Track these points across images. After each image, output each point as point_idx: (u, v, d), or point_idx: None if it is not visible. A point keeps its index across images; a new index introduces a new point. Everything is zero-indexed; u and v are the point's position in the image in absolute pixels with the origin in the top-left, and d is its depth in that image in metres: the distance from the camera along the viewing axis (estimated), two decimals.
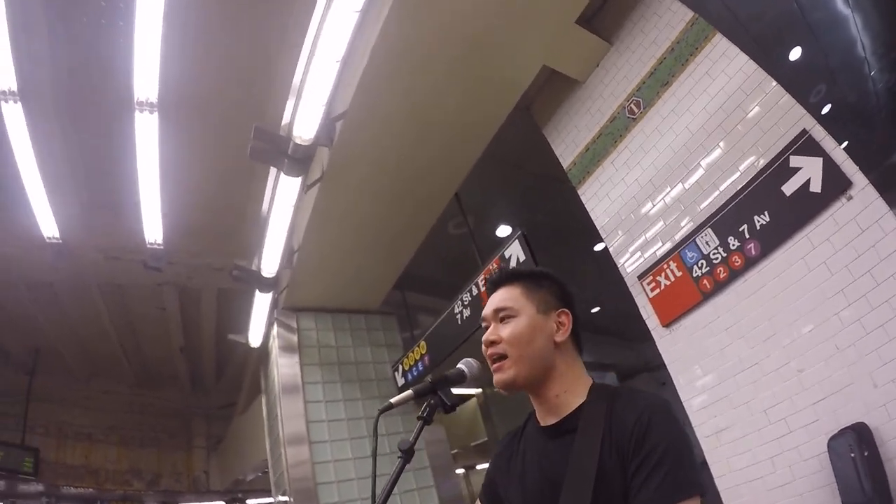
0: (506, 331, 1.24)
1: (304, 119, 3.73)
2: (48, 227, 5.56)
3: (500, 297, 1.30)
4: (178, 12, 3.64)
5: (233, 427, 10.94)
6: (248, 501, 11.96)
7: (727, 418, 3.16)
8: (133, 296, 7.97)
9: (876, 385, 2.54)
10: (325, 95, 3.54)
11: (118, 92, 4.21)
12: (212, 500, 11.69)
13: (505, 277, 1.34)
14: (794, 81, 6.81)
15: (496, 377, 1.24)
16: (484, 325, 1.32)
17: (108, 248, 6.30)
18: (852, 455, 2.46)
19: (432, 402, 1.28)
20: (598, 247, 3.85)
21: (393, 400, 1.27)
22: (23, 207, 5.18)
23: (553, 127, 4.50)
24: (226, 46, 4.38)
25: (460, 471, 13.32)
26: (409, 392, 1.28)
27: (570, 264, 8.53)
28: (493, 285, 1.36)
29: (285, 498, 5.42)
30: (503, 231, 7.22)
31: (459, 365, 1.37)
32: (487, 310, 1.31)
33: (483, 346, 1.28)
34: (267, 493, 7.04)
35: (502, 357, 1.23)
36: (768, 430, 2.95)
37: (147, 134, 4.31)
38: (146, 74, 3.81)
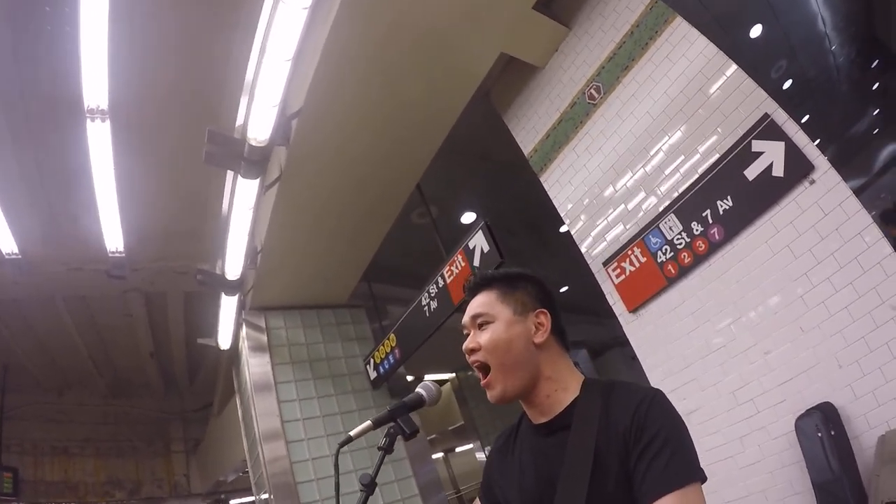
0: (484, 337, 1.23)
1: (258, 120, 3.60)
2: (6, 242, 5.38)
3: (477, 304, 1.29)
4: (125, 17, 3.48)
5: (210, 429, 10.81)
6: (231, 502, 11.91)
7: (696, 400, 3.20)
8: (99, 305, 7.77)
9: (840, 365, 2.59)
10: (277, 95, 3.42)
11: (68, 100, 4.03)
12: (194, 503, 11.61)
13: (480, 283, 1.32)
14: (756, 59, 6.87)
15: (488, 394, 1.23)
16: (465, 332, 1.30)
17: (70, 259, 6.10)
18: (819, 434, 2.51)
19: (392, 430, 1.29)
20: (564, 228, 3.92)
21: (352, 433, 1.29)
22: None
23: (513, 114, 4.44)
24: (175, 49, 4.21)
25: (440, 455, 13.49)
26: (367, 423, 1.28)
27: (537, 246, 8.58)
28: (470, 292, 1.34)
29: (266, 496, 5.37)
30: (469, 218, 7.18)
31: (418, 389, 1.38)
32: (465, 317, 1.30)
33: (465, 354, 1.26)
34: (249, 492, 6.98)
35: (486, 367, 1.22)
36: (737, 410, 3.01)
37: (100, 142, 4.14)
38: (95, 81, 3.65)
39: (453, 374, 11.13)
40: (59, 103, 4.33)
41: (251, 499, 6.76)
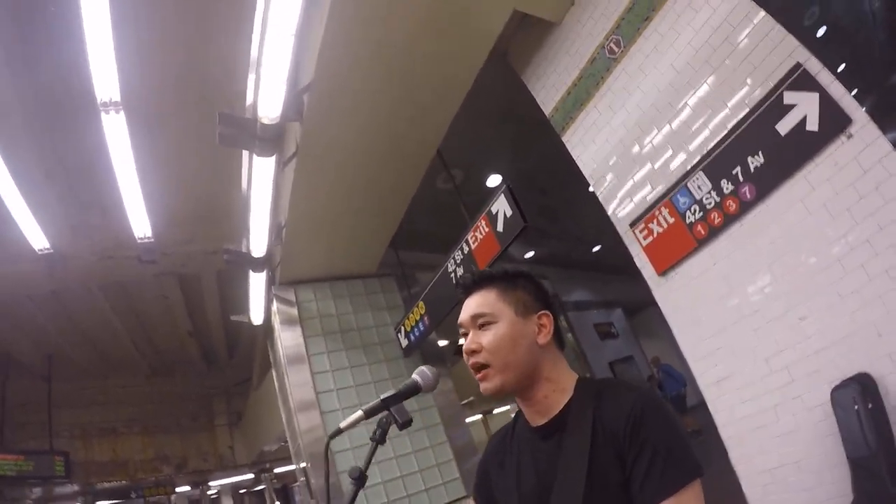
0: (486, 338, 1.19)
1: (268, 98, 3.53)
2: (37, 239, 5.61)
3: (476, 303, 1.24)
4: (127, 7, 3.46)
5: (250, 401, 11.14)
6: (275, 470, 12.32)
7: (728, 367, 3.10)
8: (135, 290, 8.05)
9: (880, 334, 2.43)
10: (284, 71, 3.33)
11: (81, 96, 4.09)
12: (240, 474, 12.05)
13: (477, 281, 1.28)
14: (787, 5, 6.44)
15: (482, 385, 1.20)
16: (462, 331, 1.26)
17: (100, 249, 6.34)
18: (856, 408, 2.38)
19: (384, 420, 1.25)
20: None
21: (342, 424, 1.25)
22: (8, 224, 5.19)
23: (532, 72, 4.23)
24: (180, 35, 4.21)
25: (478, 416, 13.72)
26: (359, 413, 1.25)
27: (570, 204, 8.38)
28: (465, 290, 1.29)
29: (304, 464, 5.52)
30: (495, 180, 7.04)
31: (413, 375, 1.33)
32: (464, 316, 1.25)
33: (464, 355, 1.22)
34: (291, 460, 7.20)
35: (485, 366, 1.19)
36: (771, 378, 2.88)
37: (117, 134, 4.20)
38: (105, 75, 3.66)
39: None
40: (72, 99, 4.42)
41: (293, 467, 6.96)
